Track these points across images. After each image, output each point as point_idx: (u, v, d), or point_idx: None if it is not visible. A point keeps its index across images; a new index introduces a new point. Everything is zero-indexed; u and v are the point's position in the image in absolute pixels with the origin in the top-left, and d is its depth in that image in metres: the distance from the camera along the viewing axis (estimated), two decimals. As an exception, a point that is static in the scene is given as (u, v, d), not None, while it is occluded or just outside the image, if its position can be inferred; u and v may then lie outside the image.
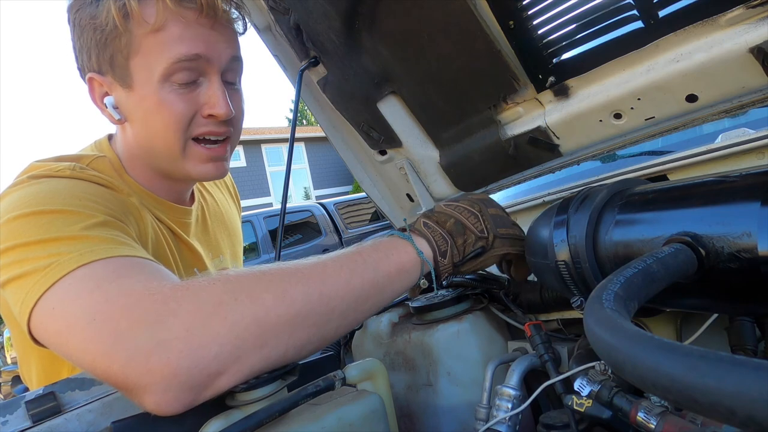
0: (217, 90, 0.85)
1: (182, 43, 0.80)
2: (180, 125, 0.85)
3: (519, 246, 0.82)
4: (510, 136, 1.08)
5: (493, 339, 0.91)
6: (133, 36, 0.80)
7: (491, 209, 0.83)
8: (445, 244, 0.78)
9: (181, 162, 0.89)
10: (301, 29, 1.11)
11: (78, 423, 0.74)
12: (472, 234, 0.79)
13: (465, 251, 0.79)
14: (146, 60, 0.81)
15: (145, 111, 0.84)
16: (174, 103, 0.83)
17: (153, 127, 0.86)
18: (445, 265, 0.78)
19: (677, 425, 0.53)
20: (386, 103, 1.17)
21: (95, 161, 0.90)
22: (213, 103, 0.85)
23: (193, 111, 0.85)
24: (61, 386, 0.76)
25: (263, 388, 0.65)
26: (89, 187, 0.82)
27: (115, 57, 0.82)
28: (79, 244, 0.68)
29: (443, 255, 0.78)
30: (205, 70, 0.84)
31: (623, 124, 0.94)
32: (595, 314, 0.42)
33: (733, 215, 0.52)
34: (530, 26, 0.92)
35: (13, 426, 0.70)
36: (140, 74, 0.82)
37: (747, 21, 0.74)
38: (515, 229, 0.84)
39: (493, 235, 0.80)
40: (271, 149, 18.41)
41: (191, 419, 0.64)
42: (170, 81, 0.82)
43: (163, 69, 0.81)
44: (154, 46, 0.80)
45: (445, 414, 0.87)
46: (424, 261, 0.76)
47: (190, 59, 0.81)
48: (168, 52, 0.80)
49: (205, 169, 0.90)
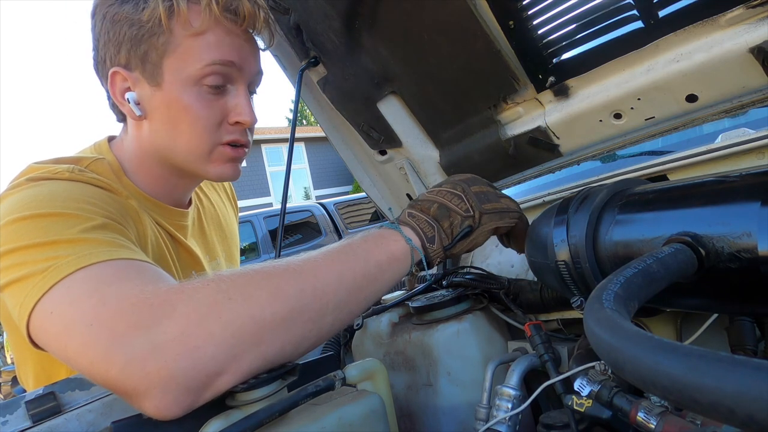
0: (244, 99, 0.88)
1: (219, 48, 0.83)
2: (206, 129, 0.87)
3: (509, 218, 0.82)
4: (510, 136, 1.08)
5: (493, 339, 0.91)
6: (173, 36, 0.82)
7: (474, 187, 0.83)
8: (431, 230, 0.78)
9: (204, 164, 0.91)
10: (301, 29, 1.11)
11: (78, 423, 0.74)
12: (458, 215, 0.79)
13: (453, 233, 0.79)
14: (181, 61, 0.83)
15: (171, 110, 0.86)
16: (202, 106, 0.85)
17: (178, 127, 0.87)
18: (435, 250, 0.78)
19: (677, 425, 0.53)
20: (386, 103, 1.17)
21: (94, 163, 0.90)
22: (240, 111, 0.88)
23: (220, 117, 0.88)
24: (61, 386, 0.76)
25: (263, 388, 0.65)
26: (88, 189, 0.82)
27: (149, 54, 0.83)
28: (77, 247, 0.68)
29: (431, 241, 0.78)
30: (235, 78, 0.87)
31: (623, 124, 0.94)
32: (595, 314, 0.42)
33: (733, 215, 0.52)
34: (530, 26, 0.92)
35: (13, 426, 0.70)
36: (172, 74, 0.84)
37: (747, 21, 0.74)
38: (503, 202, 0.83)
39: (479, 212, 0.79)
40: (271, 149, 18.40)
41: (191, 419, 0.64)
42: (200, 84, 0.84)
43: (197, 71, 0.83)
44: (192, 48, 0.82)
45: (445, 414, 0.87)
46: (414, 248, 0.76)
47: (224, 65, 0.84)
48: (204, 56, 0.83)
49: (223, 170, 0.92)
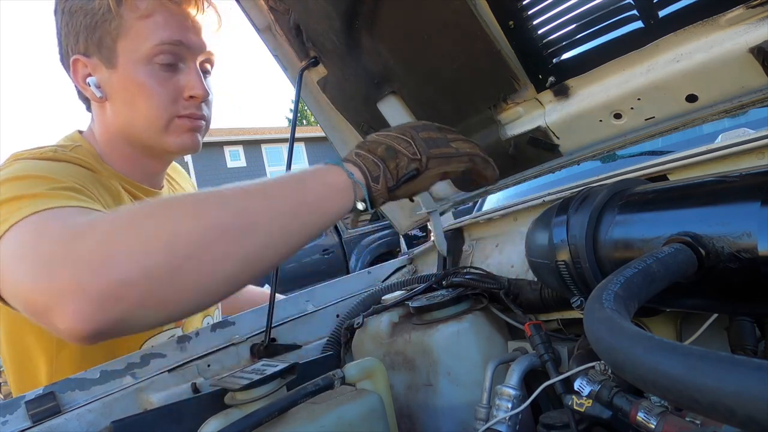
0: (195, 74, 0.96)
1: (166, 29, 0.91)
2: (161, 103, 0.94)
3: (457, 162, 0.81)
4: (510, 136, 1.08)
5: (493, 339, 0.91)
6: (123, 20, 0.90)
7: (423, 133, 0.82)
8: (377, 170, 0.78)
9: (163, 136, 0.96)
10: (301, 29, 1.11)
11: (78, 423, 0.74)
12: (405, 157, 0.79)
13: (398, 174, 0.79)
14: (133, 42, 0.91)
15: (127, 89, 0.93)
16: (156, 83, 0.92)
17: (135, 105, 0.94)
18: (379, 189, 0.78)
19: (677, 425, 0.53)
20: (386, 103, 1.17)
21: (75, 149, 0.95)
22: (192, 86, 0.95)
23: (174, 93, 0.94)
24: (61, 386, 0.76)
25: (262, 387, 0.65)
26: (71, 167, 0.88)
27: (103, 39, 0.91)
28: (38, 199, 0.71)
29: (375, 180, 0.77)
30: (185, 56, 0.94)
31: (623, 124, 0.94)
32: (595, 314, 0.42)
33: (733, 215, 0.52)
34: (530, 26, 0.92)
35: (13, 426, 0.70)
36: (126, 55, 0.91)
37: (747, 21, 0.74)
38: (452, 147, 0.83)
39: (426, 156, 0.79)
40: (271, 149, 18.41)
41: (190, 418, 0.64)
42: (152, 62, 0.91)
43: (147, 50, 0.91)
44: (141, 29, 0.90)
45: (445, 414, 0.87)
46: (356, 183, 0.75)
47: (173, 44, 0.92)
48: (153, 36, 0.90)
49: (183, 140, 0.98)
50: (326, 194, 0.73)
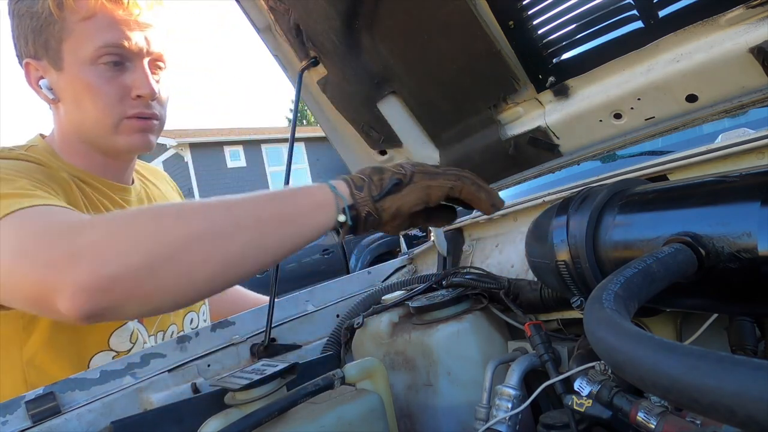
0: (142, 74, 0.96)
1: (109, 32, 0.92)
2: (108, 103, 0.95)
3: (443, 179, 0.81)
4: (510, 136, 1.08)
5: (493, 339, 0.91)
6: (66, 22, 0.91)
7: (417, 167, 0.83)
8: (362, 182, 0.79)
9: (113, 136, 0.98)
10: (301, 29, 1.11)
11: (78, 423, 0.74)
12: (389, 171, 0.81)
13: (383, 185, 0.80)
14: (77, 43, 0.92)
15: (75, 90, 0.95)
16: (102, 83, 0.94)
17: (83, 105, 0.96)
18: (363, 197, 0.78)
19: (677, 425, 0.53)
20: (386, 103, 1.17)
21: (30, 149, 0.99)
22: (138, 85, 0.96)
23: (121, 92, 0.95)
24: (61, 386, 0.76)
25: (262, 387, 0.65)
26: (18, 163, 0.90)
27: (49, 42, 0.92)
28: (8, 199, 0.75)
29: (359, 189, 0.78)
30: (130, 57, 0.95)
31: (623, 124, 0.94)
32: (595, 314, 0.42)
33: (733, 215, 0.52)
34: (530, 26, 0.92)
35: (13, 426, 0.70)
36: (71, 56, 0.93)
37: (747, 21, 0.74)
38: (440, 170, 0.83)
39: (411, 171, 0.81)
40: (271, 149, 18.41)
41: (190, 418, 0.64)
42: (97, 63, 0.93)
43: (91, 53, 0.92)
44: (84, 31, 0.91)
45: (445, 414, 0.87)
46: (338, 196, 0.77)
47: (115, 46, 0.93)
48: (96, 39, 0.92)
49: (132, 140, 0.99)
50: (309, 209, 0.75)
